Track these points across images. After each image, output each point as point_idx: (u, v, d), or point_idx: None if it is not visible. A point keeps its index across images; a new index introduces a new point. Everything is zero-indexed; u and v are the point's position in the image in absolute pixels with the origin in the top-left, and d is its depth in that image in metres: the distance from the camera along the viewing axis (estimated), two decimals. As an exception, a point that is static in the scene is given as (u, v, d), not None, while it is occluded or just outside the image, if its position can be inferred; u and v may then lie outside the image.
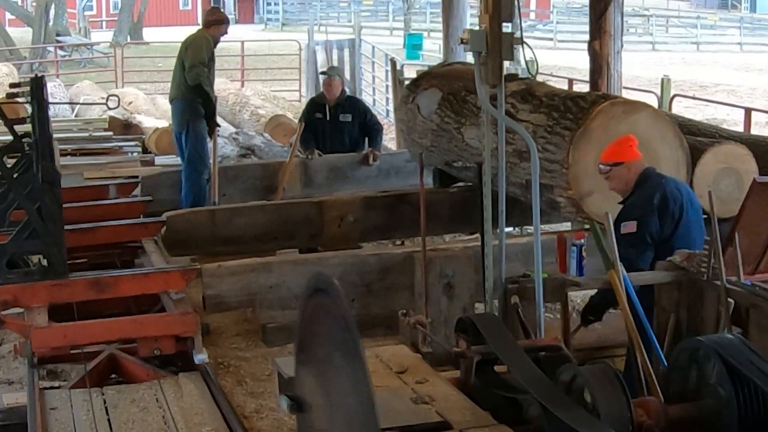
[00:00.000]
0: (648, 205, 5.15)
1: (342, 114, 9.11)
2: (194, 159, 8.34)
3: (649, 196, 5.18)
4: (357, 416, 2.39)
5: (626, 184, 5.26)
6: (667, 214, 5.14)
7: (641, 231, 5.10)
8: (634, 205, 5.21)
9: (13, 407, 4.96)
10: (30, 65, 24.55)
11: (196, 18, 50.25)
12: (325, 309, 2.52)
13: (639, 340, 4.51)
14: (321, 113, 9.12)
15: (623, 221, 5.15)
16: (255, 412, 5.12)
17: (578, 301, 6.94)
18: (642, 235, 5.08)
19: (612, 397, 3.36)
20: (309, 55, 19.54)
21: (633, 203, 5.22)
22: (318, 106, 9.20)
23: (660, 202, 5.15)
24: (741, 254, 4.59)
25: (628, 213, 5.19)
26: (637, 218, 5.14)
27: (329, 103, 9.08)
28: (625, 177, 5.24)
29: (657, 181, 5.26)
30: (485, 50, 4.53)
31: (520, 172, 6.19)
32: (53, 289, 5.45)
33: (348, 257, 6.41)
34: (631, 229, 5.12)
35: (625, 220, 5.15)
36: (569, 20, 41.10)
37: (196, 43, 8.41)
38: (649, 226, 5.10)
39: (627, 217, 5.17)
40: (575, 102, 6.11)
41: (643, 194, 5.20)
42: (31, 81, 6.22)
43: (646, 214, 5.13)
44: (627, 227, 5.13)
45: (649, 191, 5.20)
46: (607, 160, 5.28)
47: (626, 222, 5.14)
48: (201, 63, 8.27)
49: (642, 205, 5.17)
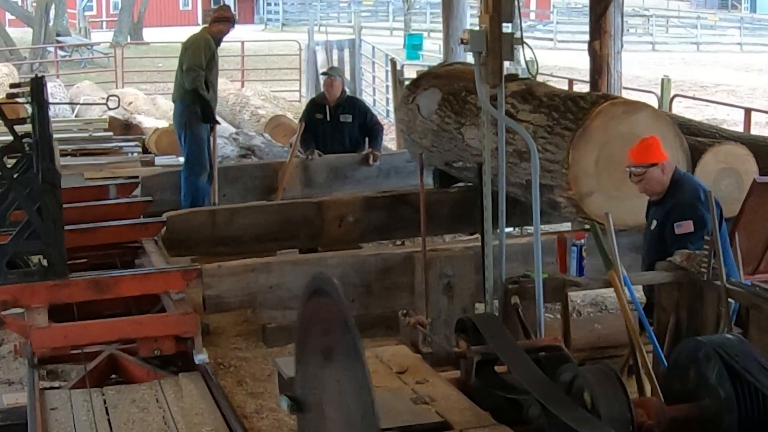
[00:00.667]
0: (699, 202, 5.14)
1: (342, 114, 9.11)
2: (192, 160, 8.34)
3: (695, 194, 5.18)
4: (357, 416, 2.39)
5: (662, 184, 5.25)
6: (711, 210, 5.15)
7: (700, 229, 5.08)
8: (683, 204, 5.19)
9: (13, 407, 4.96)
10: (30, 65, 24.56)
11: (197, 18, 50.31)
12: (325, 309, 2.52)
13: (639, 340, 4.51)
14: (321, 114, 9.12)
15: (675, 221, 5.14)
16: (255, 412, 5.12)
17: (578, 301, 6.95)
18: (701, 232, 5.04)
19: (612, 397, 3.36)
20: (309, 56, 19.54)
21: (681, 202, 5.20)
22: (318, 107, 9.20)
23: (706, 198, 5.15)
24: (741, 254, 4.60)
25: (679, 213, 5.17)
26: (692, 217, 5.13)
27: (329, 104, 9.08)
28: (659, 177, 5.23)
29: (692, 179, 5.31)
30: (485, 50, 4.54)
31: (520, 172, 6.19)
32: (53, 290, 5.45)
33: (348, 257, 6.41)
34: (687, 229, 5.11)
35: (677, 221, 5.14)
36: (569, 20, 41.10)
37: (195, 45, 8.38)
38: (707, 223, 5.07)
39: (680, 217, 5.15)
40: (575, 102, 6.11)
41: (690, 192, 5.20)
42: (32, 81, 6.22)
43: (702, 212, 5.12)
44: (683, 227, 5.13)
45: (693, 189, 5.22)
46: (641, 162, 5.23)
47: (680, 222, 5.13)
48: (198, 66, 8.25)
49: (693, 203, 5.16)
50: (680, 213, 5.17)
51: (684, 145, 6.10)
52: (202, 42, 8.37)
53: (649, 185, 5.27)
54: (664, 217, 5.22)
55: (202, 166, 8.35)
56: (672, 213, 5.20)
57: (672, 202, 5.23)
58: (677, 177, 5.27)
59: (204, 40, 8.40)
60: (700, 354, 3.60)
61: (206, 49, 8.33)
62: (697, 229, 5.10)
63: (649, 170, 5.21)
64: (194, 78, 8.23)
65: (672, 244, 5.01)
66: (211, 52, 8.37)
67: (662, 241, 5.17)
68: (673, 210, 5.21)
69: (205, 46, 8.35)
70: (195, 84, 8.24)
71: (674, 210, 5.21)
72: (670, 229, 5.15)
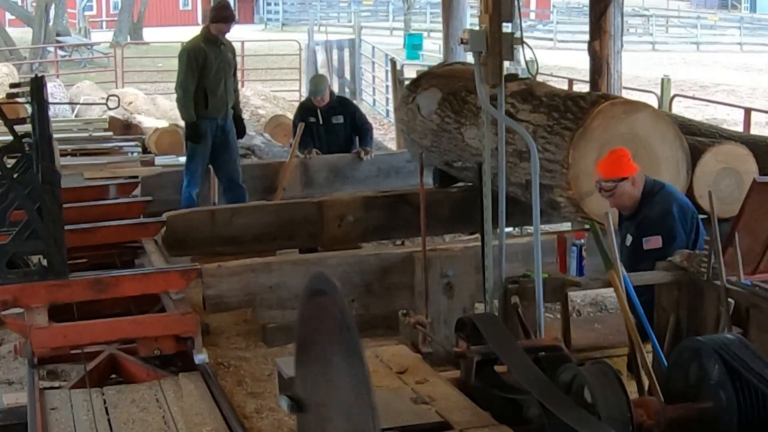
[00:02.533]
0: (670, 217, 5.06)
1: (334, 116, 9.11)
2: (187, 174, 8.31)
3: (667, 209, 5.09)
4: (357, 416, 2.39)
5: (633, 198, 5.15)
6: (686, 223, 5.10)
7: (669, 246, 5.00)
8: (652, 219, 5.11)
9: (13, 407, 4.96)
10: (30, 65, 24.54)
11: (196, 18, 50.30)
12: (325, 309, 2.52)
13: (639, 340, 4.51)
14: (314, 117, 9.10)
15: (644, 236, 5.05)
16: (255, 412, 5.12)
17: (578, 301, 6.95)
18: (670, 249, 4.96)
19: (612, 397, 3.36)
20: (309, 56, 19.55)
21: (651, 218, 5.11)
22: (310, 111, 9.17)
23: (679, 212, 5.08)
24: (741, 254, 4.59)
25: (648, 228, 5.09)
26: (660, 232, 5.06)
27: (320, 108, 9.07)
28: (630, 192, 5.13)
29: (666, 192, 5.18)
30: (485, 50, 4.53)
31: (520, 172, 6.19)
32: (53, 289, 5.45)
33: (348, 257, 6.41)
34: (656, 245, 5.03)
35: (646, 236, 5.06)
36: (569, 20, 41.11)
37: (180, 60, 8.24)
38: (676, 239, 5.01)
39: (648, 232, 5.07)
40: (575, 102, 6.11)
41: (660, 207, 5.11)
42: (31, 81, 6.22)
43: (672, 225, 5.04)
44: (651, 242, 5.04)
45: (665, 203, 5.12)
46: (611, 177, 5.13)
47: (649, 237, 5.05)
48: (180, 86, 8.18)
49: (664, 219, 5.07)
50: (648, 228, 5.08)
51: (684, 144, 6.10)
52: (184, 56, 8.20)
53: (620, 200, 5.14)
54: (637, 231, 5.14)
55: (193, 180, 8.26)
56: (641, 228, 5.10)
57: (641, 217, 5.13)
58: (648, 189, 5.14)
59: (188, 51, 8.21)
60: (700, 354, 3.60)
61: (190, 62, 8.13)
62: (666, 245, 5.00)
63: (619, 185, 5.09)
64: (177, 100, 8.28)
65: (642, 260, 4.93)
66: (200, 60, 8.14)
67: (638, 258, 5.06)
68: (642, 224, 5.11)
69: (188, 58, 8.14)
70: (178, 107, 8.28)
71: (642, 224, 5.11)
72: (638, 245, 5.06)
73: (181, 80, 8.16)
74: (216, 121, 8.31)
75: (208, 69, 8.21)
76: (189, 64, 8.15)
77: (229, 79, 8.41)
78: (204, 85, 8.20)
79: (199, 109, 8.20)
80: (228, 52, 8.44)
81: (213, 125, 8.28)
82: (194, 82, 8.14)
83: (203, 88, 8.20)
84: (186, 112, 8.21)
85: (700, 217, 5.27)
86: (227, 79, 8.39)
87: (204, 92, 8.22)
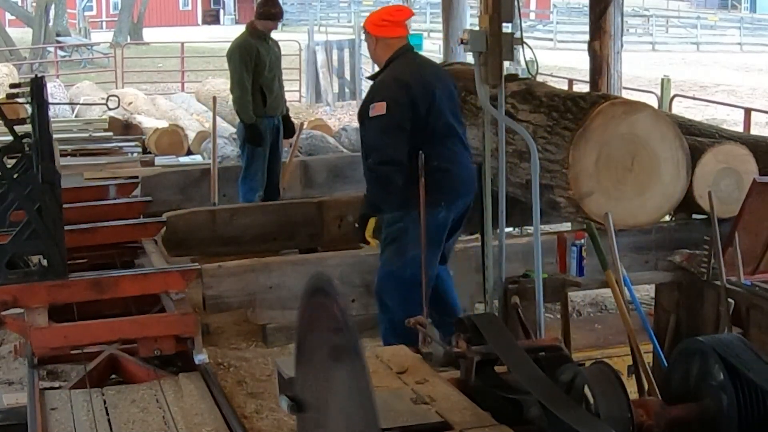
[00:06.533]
0: (398, 84, 4.93)
1: None
2: (246, 177, 8.25)
3: (399, 76, 4.96)
4: (357, 416, 2.39)
5: (376, 56, 5.10)
6: (419, 97, 4.93)
7: (393, 115, 4.88)
8: (383, 83, 4.98)
9: (13, 407, 4.96)
10: (30, 65, 24.54)
11: (196, 18, 50.35)
12: (325, 309, 2.52)
13: (636, 341, 4.51)
14: None
15: (371, 103, 4.93)
16: (255, 412, 5.12)
17: (578, 301, 6.96)
18: (394, 119, 4.86)
19: (612, 397, 3.36)
20: (309, 56, 19.53)
21: (382, 81, 4.99)
22: None
23: (412, 82, 4.92)
24: (741, 254, 4.59)
25: (376, 92, 4.97)
26: (386, 99, 4.93)
27: None
28: (372, 48, 5.07)
29: (410, 60, 5.04)
30: (485, 50, 4.53)
31: (520, 173, 6.19)
32: (53, 290, 5.45)
33: (348, 257, 6.41)
34: (380, 111, 4.90)
35: (373, 102, 4.93)
36: (569, 20, 41.12)
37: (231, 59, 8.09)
38: (401, 108, 4.88)
39: (374, 98, 4.95)
40: (575, 102, 6.11)
41: (393, 73, 4.97)
42: (31, 81, 6.22)
43: (397, 96, 4.90)
44: (375, 109, 4.91)
45: (399, 69, 4.99)
46: (365, 26, 5.13)
47: (375, 103, 4.93)
48: (237, 85, 8.03)
49: (390, 85, 4.94)
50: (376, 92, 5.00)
51: (684, 145, 6.09)
52: (236, 53, 8.08)
53: (369, 51, 5.24)
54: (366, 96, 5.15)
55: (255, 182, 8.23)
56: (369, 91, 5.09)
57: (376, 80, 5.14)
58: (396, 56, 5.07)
59: (238, 49, 8.10)
60: (701, 354, 3.60)
61: (244, 59, 8.02)
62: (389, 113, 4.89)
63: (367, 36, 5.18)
64: (234, 101, 8.14)
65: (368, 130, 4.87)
66: (253, 56, 8.04)
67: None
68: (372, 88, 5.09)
69: (241, 56, 8.04)
70: (236, 108, 8.15)
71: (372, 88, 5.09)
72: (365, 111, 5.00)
73: (237, 79, 8.02)
74: (273, 119, 8.26)
75: (261, 66, 8.10)
76: (243, 61, 8.01)
77: (281, 75, 8.34)
78: (260, 83, 8.09)
79: (257, 108, 8.09)
80: (275, 48, 8.36)
81: (270, 124, 8.23)
82: (250, 80, 8.02)
83: (259, 86, 8.09)
84: (245, 113, 8.07)
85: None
86: (280, 76, 8.31)
87: (261, 90, 8.11)
